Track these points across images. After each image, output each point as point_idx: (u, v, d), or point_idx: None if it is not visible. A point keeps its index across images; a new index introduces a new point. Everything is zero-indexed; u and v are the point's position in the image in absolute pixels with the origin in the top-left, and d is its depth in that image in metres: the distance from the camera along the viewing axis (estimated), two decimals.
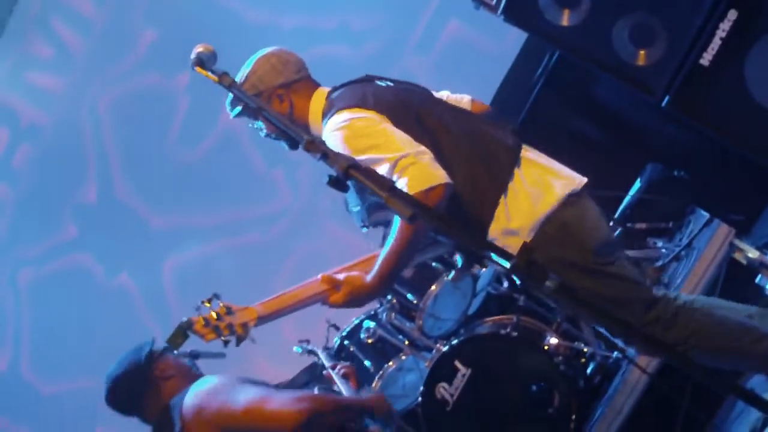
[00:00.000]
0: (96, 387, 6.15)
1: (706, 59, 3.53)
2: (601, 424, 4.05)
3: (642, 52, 3.67)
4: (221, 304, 3.11)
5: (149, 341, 3.58)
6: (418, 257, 3.80)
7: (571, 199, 3.17)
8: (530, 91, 5.06)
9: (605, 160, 4.80)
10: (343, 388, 3.69)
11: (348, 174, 2.27)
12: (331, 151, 2.33)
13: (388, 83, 3.34)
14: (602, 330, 3.82)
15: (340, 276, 3.27)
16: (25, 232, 6.83)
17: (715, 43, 3.50)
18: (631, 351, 3.57)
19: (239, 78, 3.32)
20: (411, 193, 2.92)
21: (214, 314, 3.08)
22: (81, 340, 6.71)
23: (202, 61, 2.54)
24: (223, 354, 4.84)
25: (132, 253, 6.57)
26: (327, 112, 3.23)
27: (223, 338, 3.08)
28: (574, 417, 4.04)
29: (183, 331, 3.16)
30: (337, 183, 2.32)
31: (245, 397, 3.21)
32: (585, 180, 3.26)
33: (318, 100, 3.34)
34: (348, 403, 3.45)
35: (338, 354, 4.63)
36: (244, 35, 5.55)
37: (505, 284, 4.54)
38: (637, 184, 4.70)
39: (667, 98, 3.64)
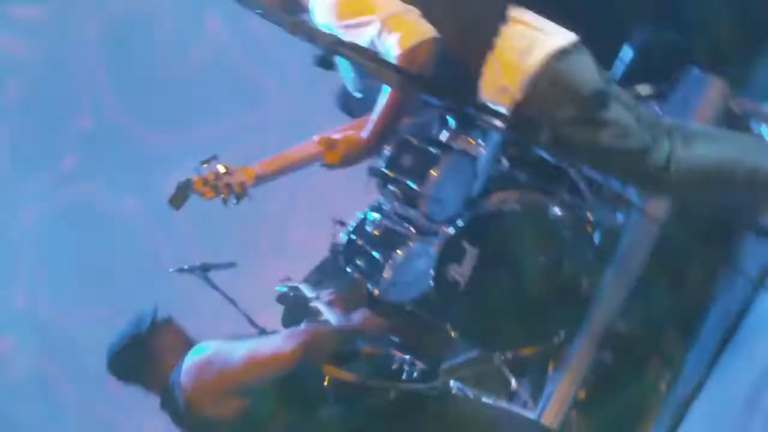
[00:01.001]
0: (112, 311, 6.29)
1: None
2: (613, 286, 4.09)
3: None
4: (220, 165, 3.20)
5: (151, 310, 3.63)
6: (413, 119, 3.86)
7: (561, 53, 3.18)
8: None
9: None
10: (330, 317, 3.75)
11: (333, 50, 2.31)
12: (315, 29, 2.36)
13: None
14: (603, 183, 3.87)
15: (336, 136, 3.33)
16: (26, 168, 6.86)
17: None
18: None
19: None
20: (401, 49, 3.07)
21: (212, 174, 3.19)
22: (94, 269, 6.81)
23: None
24: (234, 263, 4.96)
25: (133, 177, 6.60)
26: None
27: (222, 196, 3.17)
28: (584, 283, 4.12)
29: (183, 191, 3.27)
30: (324, 62, 2.37)
31: (239, 354, 3.28)
32: (575, 37, 3.27)
33: None
34: (338, 329, 3.51)
35: (347, 250, 4.68)
36: None
37: (506, 162, 4.56)
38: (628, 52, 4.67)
39: None
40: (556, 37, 3.25)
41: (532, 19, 3.29)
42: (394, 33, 3.09)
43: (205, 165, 3.37)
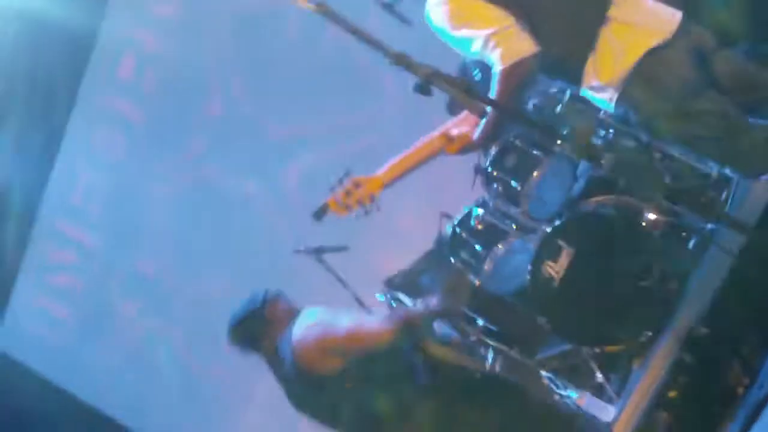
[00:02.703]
0: (233, 283, 6.69)
1: None
2: (699, 290, 4.27)
3: None
4: (350, 181, 3.61)
5: (263, 290, 4.04)
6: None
7: (655, 51, 3.40)
8: None
9: None
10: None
11: (430, 81, 2.65)
12: (414, 62, 2.68)
13: None
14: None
15: (454, 131, 3.67)
16: (158, 149, 7.32)
17: None
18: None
19: None
20: (502, 64, 3.40)
21: (344, 193, 3.62)
22: (218, 247, 7.21)
23: None
24: (346, 247, 5.27)
25: (255, 162, 6.96)
26: None
27: (353, 213, 3.61)
28: (672, 286, 4.32)
29: (322, 212, 3.73)
30: (422, 89, 2.70)
31: (345, 323, 3.70)
32: (677, 21, 3.49)
33: None
34: (428, 311, 3.85)
35: (452, 241, 4.96)
36: None
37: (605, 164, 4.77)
38: None
39: None
40: (650, 35, 3.47)
41: (632, 16, 3.51)
42: (497, 49, 3.40)
43: (338, 182, 3.78)
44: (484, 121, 3.62)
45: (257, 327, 3.91)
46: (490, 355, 4.78)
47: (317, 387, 3.71)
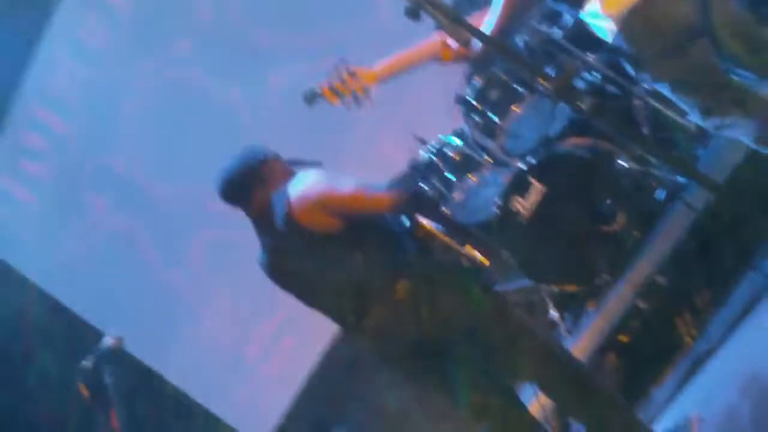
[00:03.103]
0: (204, 195, 6.67)
1: None
2: (660, 241, 4.36)
3: None
4: (346, 69, 3.61)
5: (261, 147, 3.98)
6: None
7: None
8: None
9: None
10: None
11: (419, 6, 2.67)
12: None
13: None
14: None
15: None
16: (143, 44, 7.22)
17: None
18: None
19: None
20: None
21: (338, 81, 3.63)
22: (193, 150, 7.19)
23: None
24: (320, 162, 5.27)
25: (241, 69, 6.92)
26: None
27: (344, 103, 3.63)
28: (635, 234, 4.40)
29: (313, 96, 3.74)
30: (412, 13, 2.72)
31: (349, 184, 3.64)
32: None
33: None
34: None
35: (426, 167, 5.00)
36: None
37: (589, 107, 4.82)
38: None
39: None
40: None
41: None
42: None
43: (334, 70, 3.76)
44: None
45: (252, 182, 3.83)
46: None
47: (307, 244, 3.66)
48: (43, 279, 7.64)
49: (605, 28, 3.52)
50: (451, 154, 4.91)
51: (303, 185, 3.68)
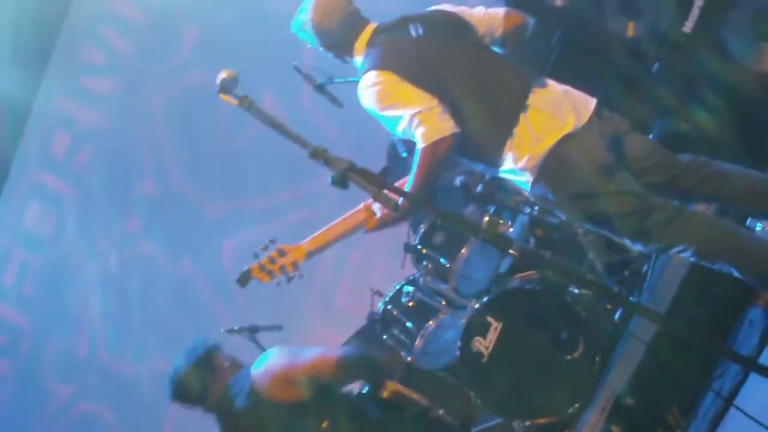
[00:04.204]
0: (167, 363, 6.65)
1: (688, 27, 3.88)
2: (623, 362, 4.40)
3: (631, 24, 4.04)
4: (275, 248, 3.73)
5: (202, 338, 4.07)
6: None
7: (569, 136, 3.59)
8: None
9: None
10: None
11: (346, 176, 2.77)
12: (331, 157, 2.82)
13: (419, 30, 3.77)
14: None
15: (376, 207, 3.83)
16: (92, 227, 7.30)
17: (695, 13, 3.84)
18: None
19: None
20: (424, 142, 3.60)
21: (267, 260, 3.74)
22: (152, 325, 7.20)
23: (225, 88, 2.99)
24: (280, 326, 5.31)
25: (191, 240, 6.99)
26: (364, 62, 3.78)
27: (275, 280, 3.73)
28: (598, 359, 4.44)
29: (245, 278, 3.83)
30: (339, 182, 2.82)
31: (308, 354, 3.76)
32: (592, 108, 3.69)
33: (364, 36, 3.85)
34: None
35: (384, 318, 5.05)
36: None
37: (533, 241, 4.94)
38: None
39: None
40: (565, 122, 3.64)
41: (548, 102, 3.70)
42: (421, 127, 3.59)
43: (263, 250, 3.87)
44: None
45: (205, 375, 3.90)
46: None
47: (274, 416, 3.71)
48: None
49: (524, 181, 3.65)
50: (406, 302, 4.97)
51: (265, 363, 3.77)
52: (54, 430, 7.54)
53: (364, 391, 3.87)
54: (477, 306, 4.61)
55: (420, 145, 3.63)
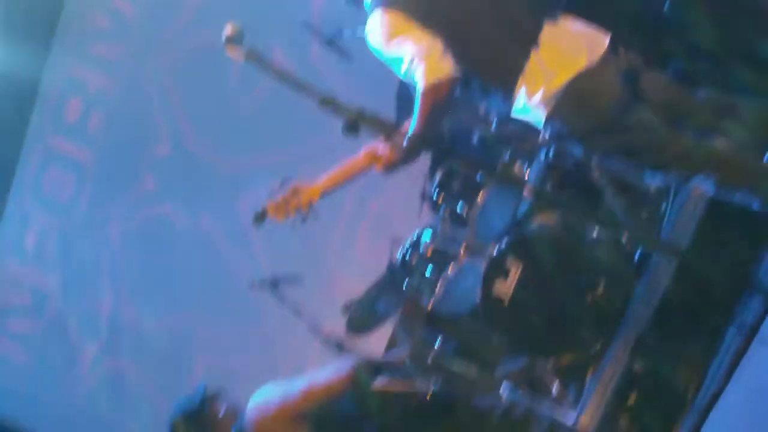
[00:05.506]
0: (193, 322, 6.74)
1: None
2: (644, 300, 4.42)
3: None
4: (289, 187, 3.78)
5: (202, 387, 4.05)
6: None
7: (584, 71, 3.57)
8: None
9: None
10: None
11: (357, 122, 2.80)
12: (341, 105, 2.83)
13: None
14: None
15: (381, 149, 3.87)
16: (109, 189, 7.36)
17: None
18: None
19: None
20: (423, 84, 3.62)
21: (282, 198, 3.79)
22: (173, 282, 7.26)
23: (232, 41, 3.00)
24: (300, 278, 5.34)
25: (207, 197, 7.03)
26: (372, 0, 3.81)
27: (291, 219, 3.79)
28: (619, 298, 4.46)
29: (261, 217, 3.88)
30: (350, 129, 2.85)
31: (297, 387, 3.78)
32: (606, 43, 3.69)
33: None
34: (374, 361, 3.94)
35: (402, 268, 5.06)
36: None
37: (549, 184, 4.93)
38: None
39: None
40: (579, 58, 3.63)
41: (561, 39, 3.69)
42: (420, 68, 3.60)
43: (278, 188, 3.92)
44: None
45: (200, 427, 3.88)
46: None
47: None
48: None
49: (538, 118, 3.65)
50: (425, 249, 4.98)
51: (258, 410, 3.79)
52: (83, 388, 7.64)
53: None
54: (496, 250, 4.61)
55: (419, 87, 3.65)
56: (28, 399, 7.80)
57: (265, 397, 3.77)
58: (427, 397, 3.85)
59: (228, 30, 3.01)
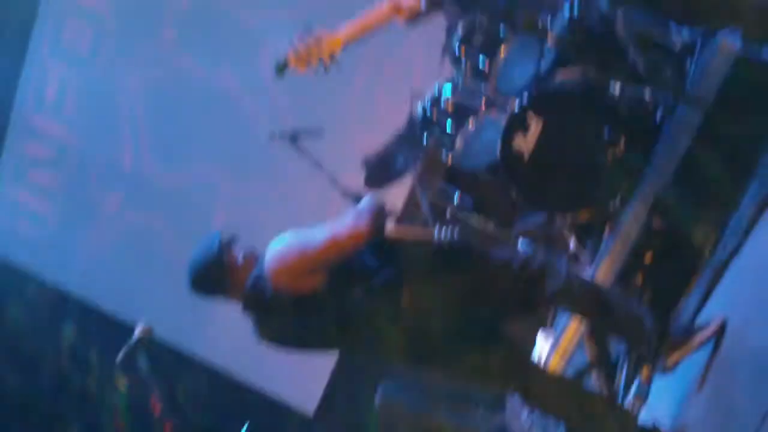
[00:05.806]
0: (212, 175, 6.76)
1: None
2: (664, 158, 4.39)
3: None
4: (311, 37, 3.72)
5: (217, 233, 3.90)
6: None
7: None
8: None
9: None
10: None
11: None
12: None
13: None
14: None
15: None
16: (128, 42, 7.31)
17: None
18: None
19: None
20: None
21: (304, 48, 3.74)
22: (193, 136, 7.28)
23: None
24: (321, 130, 5.31)
25: (229, 51, 6.97)
26: None
27: (313, 68, 3.73)
28: (640, 154, 4.43)
29: (283, 67, 3.83)
30: None
31: (318, 237, 3.61)
32: None
33: None
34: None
35: (423, 121, 5.03)
36: None
37: (572, 39, 4.83)
38: None
39: None
40: None
41: None
42: None
43: (300, 37, 3.85)
44: None
45: (218, 272, 3.78)
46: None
47: (302, 310, 3.68)
48: (70, 284, 7.79)
49: None
50: (446, 103, 4.93)
51: (276, 259, 3.65)
52: (106, 239, 7.75)
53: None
54: (517, 104, 4.57)
55: None
56: (51, 251, 7.93)
57: (284, 245, 3.70)
58: (446, 247, 3.79)
59: None
